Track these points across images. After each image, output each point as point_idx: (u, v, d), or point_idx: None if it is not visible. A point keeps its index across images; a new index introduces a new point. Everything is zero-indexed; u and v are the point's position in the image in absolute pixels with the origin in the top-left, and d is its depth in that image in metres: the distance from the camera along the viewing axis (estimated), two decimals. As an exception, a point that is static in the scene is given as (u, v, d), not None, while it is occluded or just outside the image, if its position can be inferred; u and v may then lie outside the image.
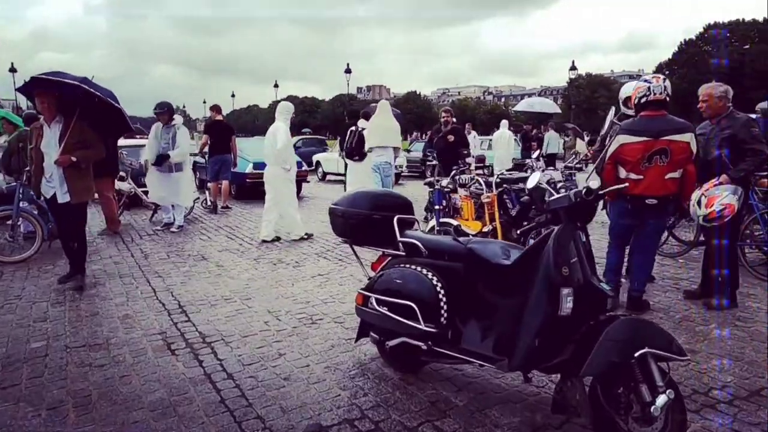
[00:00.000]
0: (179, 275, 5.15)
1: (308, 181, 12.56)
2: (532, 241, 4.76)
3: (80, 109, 4.57)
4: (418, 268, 2.73)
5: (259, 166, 10.81)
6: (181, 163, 7.49)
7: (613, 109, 3.40)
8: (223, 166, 9.32)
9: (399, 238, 2.89)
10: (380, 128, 6.95)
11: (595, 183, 2.21)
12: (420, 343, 2.63)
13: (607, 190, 2.41)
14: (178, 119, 7.76)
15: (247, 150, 10.98)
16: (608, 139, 4.05)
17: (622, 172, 3.82)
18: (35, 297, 4.43)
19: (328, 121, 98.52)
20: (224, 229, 7.66)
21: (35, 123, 4.81)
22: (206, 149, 9.42)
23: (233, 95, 59.21)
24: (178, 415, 2.58)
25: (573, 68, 36.18)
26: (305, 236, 6.85)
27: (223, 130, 9.30)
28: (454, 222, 4.96)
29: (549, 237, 2.34)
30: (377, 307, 2.79)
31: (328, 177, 15.93)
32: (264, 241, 6.61)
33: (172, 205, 7.60)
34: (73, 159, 4.46)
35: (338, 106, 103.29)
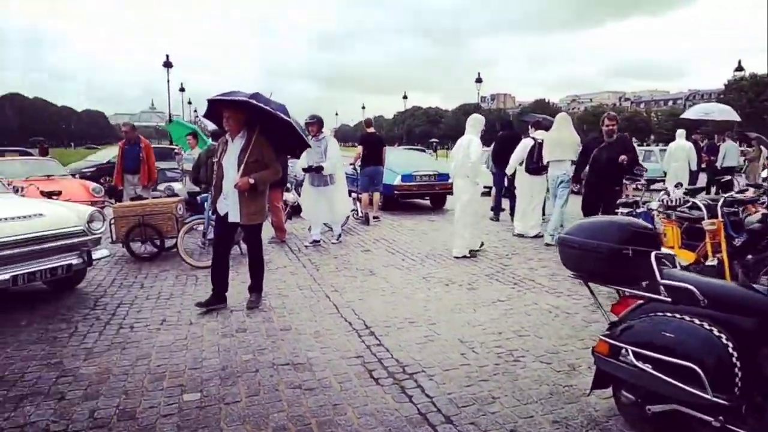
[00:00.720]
0: (354, 291, 5.10)
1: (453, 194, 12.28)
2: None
3: (260, 125, 4.50)
4: (697, 321, 2.22)
5: (407, 178, 10.88)
6: (334, 176, 7.54)
7: None
8: (376, 178, 9.42)
9: (661, 280, 2.40)
10: (562, 142, 6.45)
11: None
12: (707, 417, 2.12)
13: None
14: (326, 131, 7.85)
15: (394, 162, 11.01)
16: None
17: None
18: (231, 305, 4.63)
19: (452, 131, 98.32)
20: (381, 242, 7.63)
21: (222, 138, 4.93)
22: (358, 161, 9.58)
23: (363, 107, 61.49)
24: (408, 462, 2.36)
25: (739, 68, 31.86)
26: (468, 255, 6.53)
27: (375, 143, 9.39)
28: (670, 251, 4.25)
29: None
30: (636, 362, 2.32)
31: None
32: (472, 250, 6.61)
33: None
34: (251, 181, 4.33)
35: (462, 116, 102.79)
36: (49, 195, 6.97)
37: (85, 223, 4.78)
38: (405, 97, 50.55)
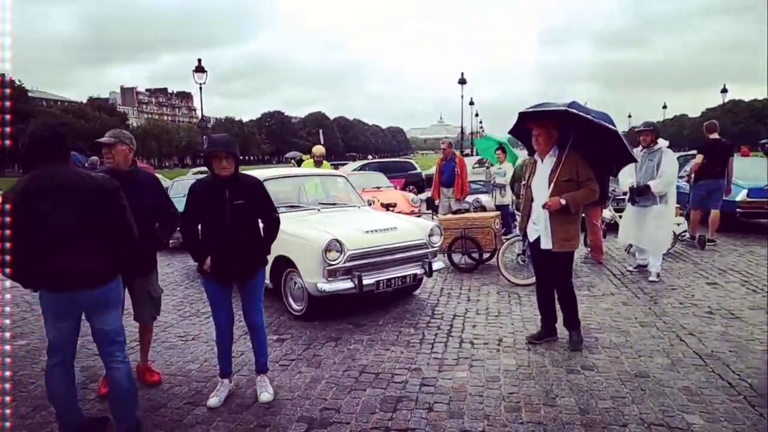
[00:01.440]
0: (718, 339, 4.14)
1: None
2: None
3: (574, 139, 3.95)
4: None
5: (756, 192, 8.69)
6: (666, 195, 6.32)
7: None
8: (714, 193, 7.77)
9: None
10: None
11: None
12: None
13: None
14: (662, 142, 6.61)
15: (739, 172, 8.93)
16: None
17: None
18: (564, 333, 4.32)
19: (790, 128, 77.35)
20: (731, 274, 6.18)
21: (530, 158, 4.50)
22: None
23: (665, 106, 53.86)
24: None
25: None
26: None
27: (721, 151, 7.71)
28: None
29: None
30: None
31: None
32: None
33: None
34: (563, 202, 3.86)
35: (805, 107, 79.80)
36: (387, 207, 8.01)
37: (427, 237, 5.20)
38: (724, 90, 41.62)
